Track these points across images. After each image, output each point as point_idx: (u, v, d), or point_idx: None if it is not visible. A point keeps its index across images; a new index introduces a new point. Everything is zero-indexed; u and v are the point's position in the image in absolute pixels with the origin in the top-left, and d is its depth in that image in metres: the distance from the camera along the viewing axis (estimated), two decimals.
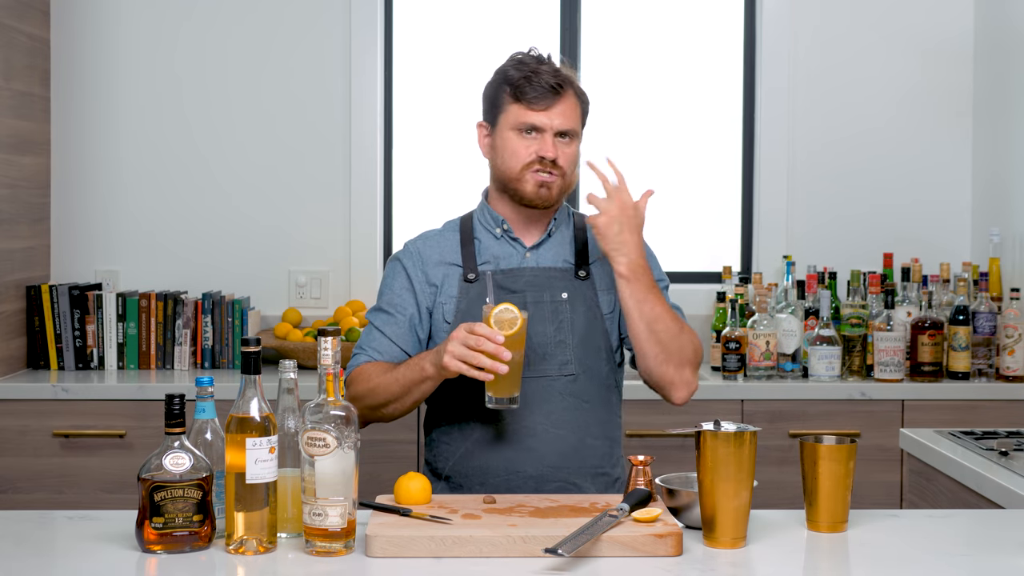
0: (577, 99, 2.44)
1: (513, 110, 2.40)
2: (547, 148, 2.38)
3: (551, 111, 2.39)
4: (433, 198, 4.30)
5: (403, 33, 4.31)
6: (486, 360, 2.16)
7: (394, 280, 2.49)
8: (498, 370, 2.16)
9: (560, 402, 2.39)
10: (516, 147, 2.40)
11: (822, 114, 4.26)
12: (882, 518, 2.12)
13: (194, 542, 1.90)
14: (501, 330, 2.18)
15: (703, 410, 3.56)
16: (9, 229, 3.81)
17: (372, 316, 2.49)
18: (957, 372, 3.79)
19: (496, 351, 2.15)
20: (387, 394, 2.34)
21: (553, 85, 2.38)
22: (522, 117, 2.39)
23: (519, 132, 2.40)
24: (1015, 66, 4.00)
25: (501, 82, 2.43)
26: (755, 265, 4.26)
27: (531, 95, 2.38)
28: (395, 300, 2.46)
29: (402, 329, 2.44)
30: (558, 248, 2.48)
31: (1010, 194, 4.01)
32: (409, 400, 2.34)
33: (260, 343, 1.96)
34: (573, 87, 2.44)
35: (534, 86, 2.38)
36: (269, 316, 4.17)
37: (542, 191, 2.40)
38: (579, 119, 2.44)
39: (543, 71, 2.39)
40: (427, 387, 2.30)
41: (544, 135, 2.39)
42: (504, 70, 2.44)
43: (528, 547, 1.87)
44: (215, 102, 4.19)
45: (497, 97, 2.44)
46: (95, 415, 3.63)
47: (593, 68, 4.33)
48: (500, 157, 2.43)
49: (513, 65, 2.43)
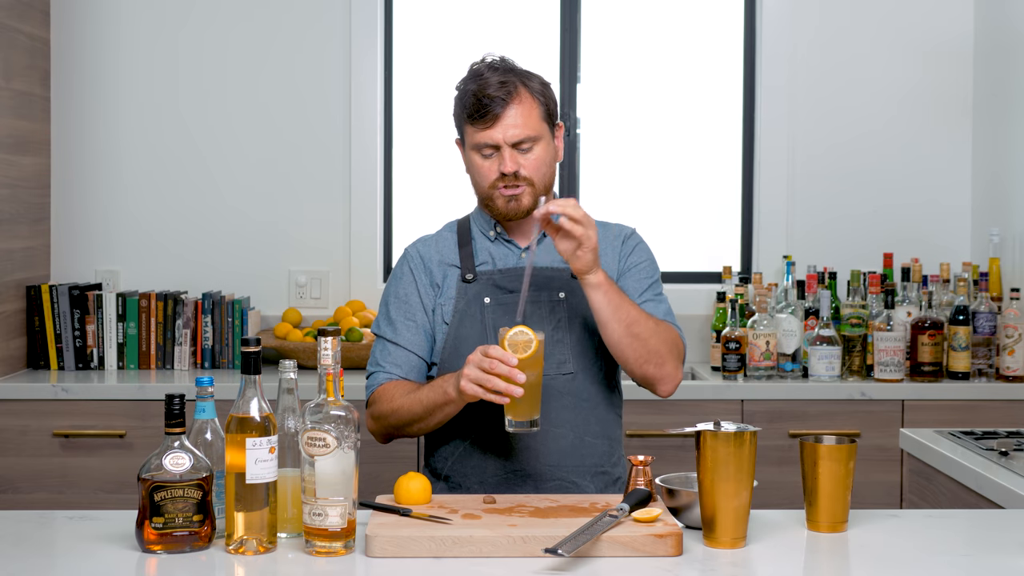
0: (533, 97, 2.37)
1: (469, 131, 2.39)
2: (504, 163, 2.35)
3: (501, 124, 2.34)
4: (433, 198, 4.30)
5: (403, 33, 4.31)
6: (500, 383, 2.13)
7: (399, 287, 2.48)
8: (513, 393, 2.13)
9: (558, 400, 2.39)
10: (479, 167, 2.40)
11: (822, 114, 4.26)
12: (882, 518, 2.12)
13: (194, 542, 1.90)
14: (515, 353, 2.14)
15: (703, 410, 3.56)
16: (9, 229, 3.81)
17: (381, 329, 2.47)
18: (957, 372, 3.79)
19: (510, 373, 2.12)
20: (411, 415, 2.34)
21: (499, 97, 2.33)
22: (476, 137, 2.37)
23: (479, 152, 2.39)
24: (1015, 67, 4.00)
25: (458, 101, 2.42)
26: (755, 265, 4.27)
27: (477, 113, 2.35)
28: (403, 307, 2.46)
29: (414, 335, 2.43)
30: (555, 251, 2.44)
31: (1010, 194, 4.02)
32: (433, 421, 2.33)
33: (260, 343, 1.96)
34: (527, 86, 2.37)
35: (481, 103, 2.34)
36: (269, 316, 4.17)
37: (511, 205, 2.39)
38: (538, 119, 2.38)
39: (490, 83, 2.34)
40: (450, 410, 2.29)
41: (502, 150, 2.36)
42: (460, 87, 2.43)
43: (528, 547, 1.87)
44: (215, 102, 4.19)
45: (458, 118, 2.44)
46: (95, 415, 3.63)
47: (593, 68, 4.33)
48: (472, 176, 2.45)
49: (466, 80, 2.41)
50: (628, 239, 2.53)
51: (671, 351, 2.38)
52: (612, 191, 4.35)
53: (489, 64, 2.41)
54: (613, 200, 4.32)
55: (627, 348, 2.33)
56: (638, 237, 2.56)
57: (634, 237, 2.55)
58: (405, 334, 2.44)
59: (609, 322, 2.30)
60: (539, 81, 2.42)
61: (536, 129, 2.37)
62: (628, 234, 2.55)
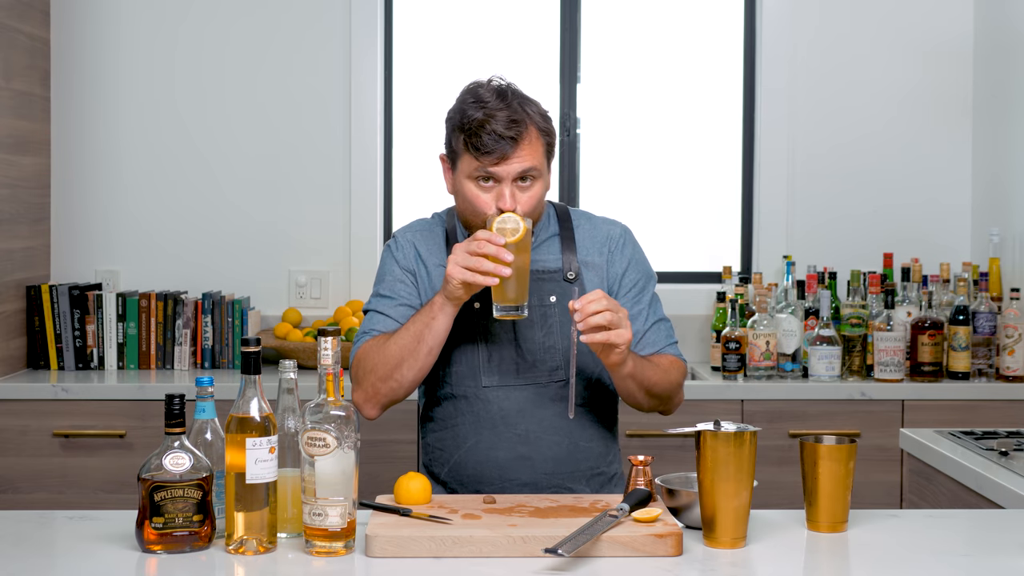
0: (539, 133, 2.31)
1: (467, 160, 2.30)
2: (503, 200, 2.28)
3: (507, 164, 2.27)
4: (433, 198, 4.29)
5: (403, 33, 4.32)
6: (488, 264, 2.17)
7: (392, 267, 2.44)
8: (500, 272, 2.17)
9: (552, 408, 2.37)
10: (474, 197, 2.31)
11: (822, 115, 4.26)
12: (882, 518, 2.12)
13: (194, 542, 1.90)
14: (504, 237, 2.20)
15: (703, 410, 3.56)
16: (9, 229, 3.81)
17: (372, 303, 2.43)
18: (957, 372, 3.79)
19: (497, 253, 2.17)
20: (399, 350, 2.27)
21: (509, 137, 2.26)
22: (477, 170, 2.29)
23: (476, 182, 2.31)
24: (1015, 67, 4.00)
25: (456, 125, 2.32)
26: (755, 265, 4.27)
27: (485, 147, 2.26)
28: (396, 286, 2.42)
29: (405, 309, 2.38)
30: (541, 254, 2.42)
31: (1010, 194, 4.02)
32: (423, 349, 2.27)
33: (260, 343, 1.96)
34: (533, 122, 2.30)
35: (488, 136, 2.26)
36: (269, 316, 4.17)
37: None
38: (541, 155, 2.32)
39: (498, 117, 2.26)
40: (439, 324, 2.25)
41: (502, 185, 2.29)
42: (461, 109, 2.32)
43: (528, 547, 1.87)
44: (215, 102, 4.19)
45: (452, 141, 2.35)
46: (95, 415, 3.63)
47: (593, 69, 4.33)
48: (462, 203, 2.37)
49: (472, 103, 2.30)
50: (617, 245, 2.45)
51: (679, 387, 2.43)
52: (612, 191, 4.35)
53: (496, 90, 2.32)
54: (613, 200, 4.32)
55: (643, 403, 2.39)
56: (629, 239, 2.48)
57: (623, 245, 2.46)
58: (395, 307, 2.39)
59: (631, 393, 2.34)
60: (542, 115, 2.34)
61: (538, 166, 2.31)
62: (617, 237, 2.47)
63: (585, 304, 2.15)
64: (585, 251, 2.44)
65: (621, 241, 2.46)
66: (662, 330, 2.44)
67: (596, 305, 2.15)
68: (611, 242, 2.46)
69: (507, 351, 2.36)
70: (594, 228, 2.47)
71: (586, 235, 2.46)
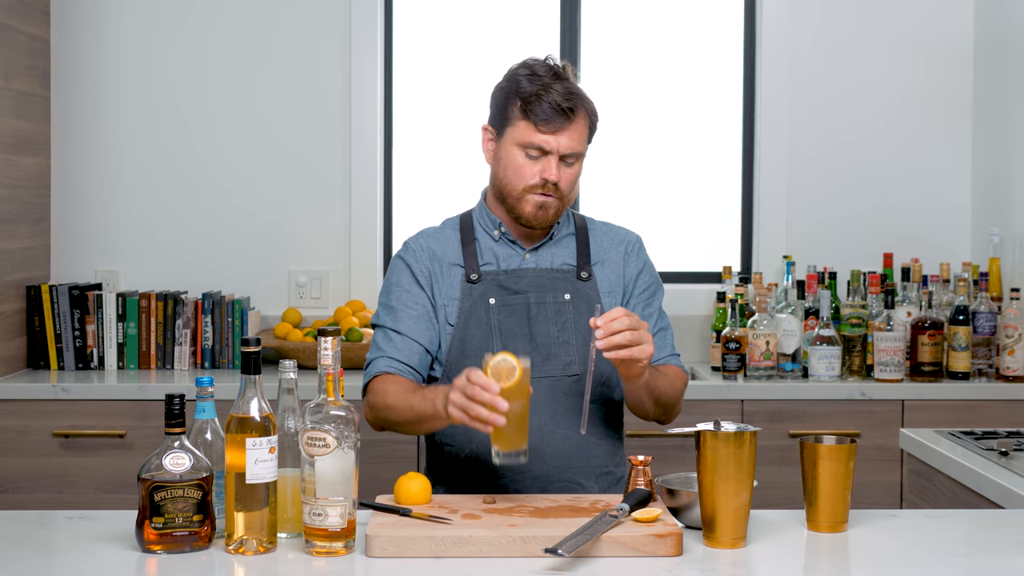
0: (587, 118, 2.38)
1: (521, 127, 2.35)
2: (550, 171, 2.34)
3: (560, 135, 2.33)
4: (433, 198, 4.30)
5: (403, 33, 4.31)
6: (483, 411, 2.04)
7: (400, 277, 2.45)
8: (495, 421, 2.04)
9: (565, 402, 2.39)
10: (520, 166, 2.36)
11: (822, 115, 4.26)
12: (882, 518, 2.12)
13: (194, 542, 1.90)
14: (499, 381, 2.05)
15: (703, 410, 3.56)
16: (9, 229, 3.81)
17: (380, 318, 2.44)
18: (957, 372, 3.79)
19: (492, 401, 2.02)
20: (401, 418, 2.31)
21: (565, 108, 2.32)
22: (529, 136, 2.34)
23: (524, 151, 2.35)
24: (1015, 67, 4.00)
25: (512, 92, 2.36)
26: (755, 265, 4.27)
27: (542, 116, 2.32)
28: (404, 296, 2.42)
29: (415, 323, 2.40)
30: (558, 250, 2.47)
31: (1010, 194, 4.02)
32: (422, 429, 2.32)
33: (260, 343, 1.96)
34: (585, 106, 2.37)
35: (545, 106, 2.31)
36: (269, 316, 4.17)
37: (539, 213, 2.38)
38: (586, 139, 2.39)
39: (556, 90, 2.32)
40: (439, 424, 2.24)
41: (549, 157, 2.34)
42: (517, 79, 2.36)
43: (528, 547, 1.87)
44: (215, 102, 4.19)
45: (506, 107, 2.38)
46: (95, 415, 3.63)
47: (593, 69, 4.33)
48: (503, 170, 2.40)
49: (527, 76, 2.35)
50: (633, 248, 2.53)
51: (682, 396, 2.48)
52: (612, 191, 4.35)
53: (552, 68, 2.37)
54: (614, 200, 4.32)
55: (650, 411, 2.42)
56: (643, 247, 2.56)
57: (640, 249, 2.54)
58: (406, 321, 2.40)
59: (641, 401, 2.38)
60: (590, 100, 2.41)
61: (583, 148, 2.39)
62: (634, 241, 2.54)
63: (608, 322, 2.14)
64: (603, 251, 2.50)
65: (637, 246, 2.55)
66: (667, 339, 2.51)
67: (619, 324, 2.14)
68: (628, 244, 2.53)
69: (521, 345, 2.38)
70: (611, 231, 2.55)
71: (603, 236, 2.53)
